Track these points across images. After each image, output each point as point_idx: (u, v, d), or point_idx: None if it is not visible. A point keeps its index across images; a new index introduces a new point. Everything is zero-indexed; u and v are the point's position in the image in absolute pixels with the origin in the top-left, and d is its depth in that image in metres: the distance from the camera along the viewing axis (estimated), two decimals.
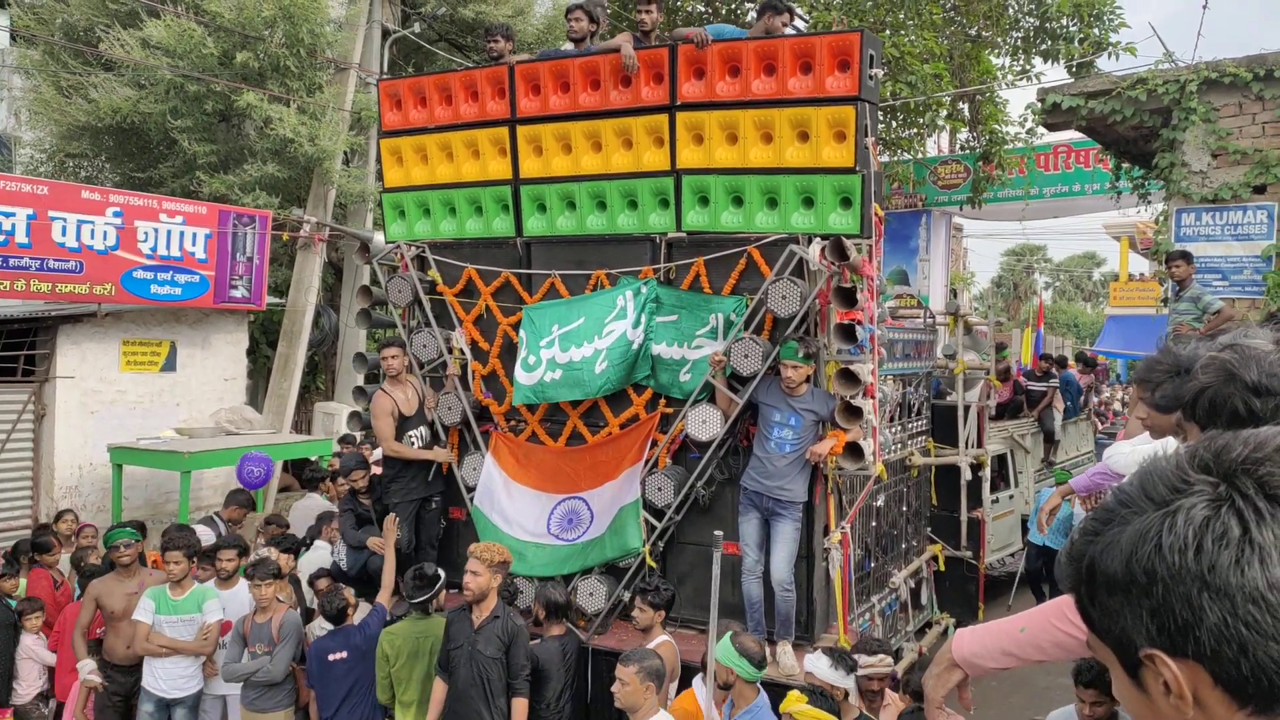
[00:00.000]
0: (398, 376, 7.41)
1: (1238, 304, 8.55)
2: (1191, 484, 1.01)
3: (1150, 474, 1.06)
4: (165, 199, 12.10)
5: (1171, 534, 0.99)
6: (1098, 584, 1.05)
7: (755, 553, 6.33)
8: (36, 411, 11.08)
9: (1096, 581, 1.05)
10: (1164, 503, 1.02)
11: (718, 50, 6.53)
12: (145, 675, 6.53)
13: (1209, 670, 0.97)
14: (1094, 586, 1.06)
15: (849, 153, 6.22)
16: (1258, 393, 1.52)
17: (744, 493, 6.38)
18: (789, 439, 6.20)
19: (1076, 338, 42.63)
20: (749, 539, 6.34)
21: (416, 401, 7.42)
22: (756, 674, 4.98)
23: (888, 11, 14.04)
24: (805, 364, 6.10)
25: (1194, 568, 0.96)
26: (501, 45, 7.51)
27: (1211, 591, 0.95)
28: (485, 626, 5.70)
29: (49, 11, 14.79)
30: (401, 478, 7.42)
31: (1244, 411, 1.52)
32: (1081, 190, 17.93)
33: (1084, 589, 1.08)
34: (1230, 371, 1.57)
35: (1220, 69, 8.63)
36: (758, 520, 6.35)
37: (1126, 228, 25.95)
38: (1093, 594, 1.07)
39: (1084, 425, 14.92)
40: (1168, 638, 0.99)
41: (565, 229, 7.19)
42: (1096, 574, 1.05)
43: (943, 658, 2.07)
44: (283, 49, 13.52)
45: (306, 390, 16.55)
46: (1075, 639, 1.95)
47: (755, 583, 6.32)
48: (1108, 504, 1.09)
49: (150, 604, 6.50)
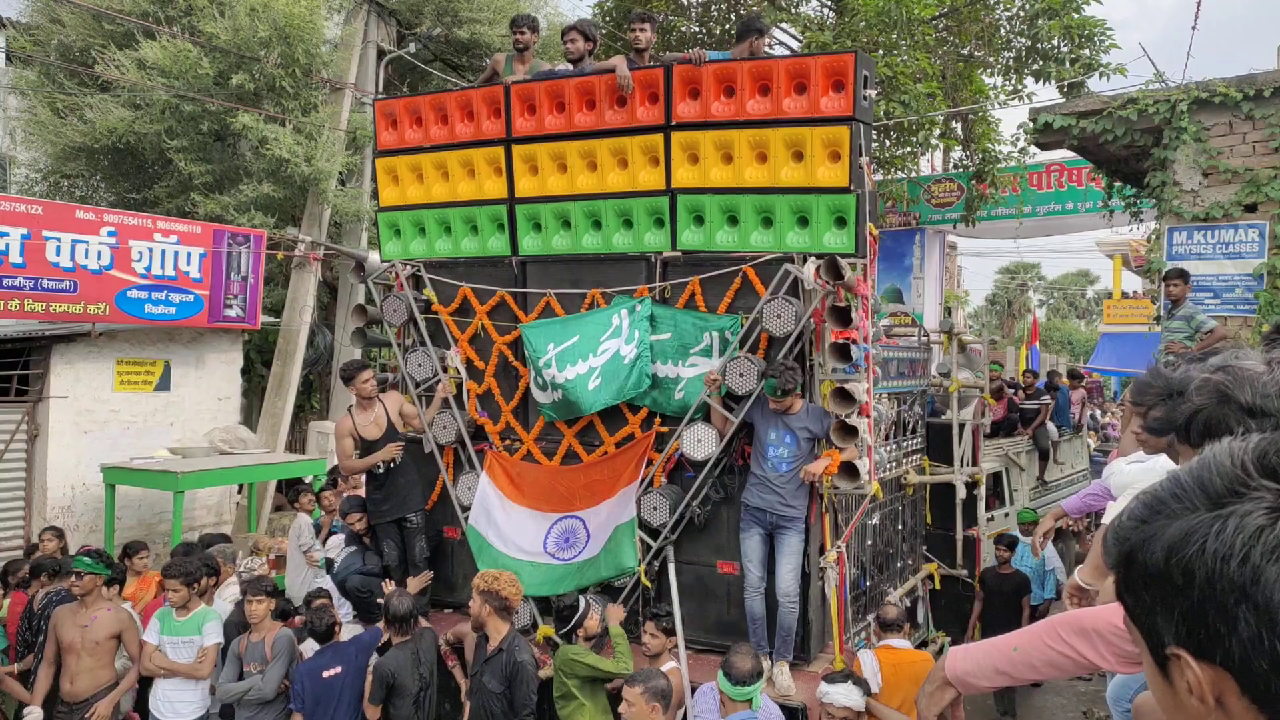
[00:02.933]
0: (369, 399, 7.33)
1: (1230, 322, 8.59)
2: (1251, 488, 0.96)
3: (1209, 466, 1.01)
4: (160, 218, 12.10)
5: (1219, 539, 0.94)
6: (1135, 573, 1.03)
7: (759, 569, 6.30)
8: (30, 431, 11.04)
9: (1134, 570, 1.03)
10: (1218, 502, 0.97)
11: (712, 70, 6.56)
12: (151, 699, 6.50)
13: (1236, 679, 0.94)
14: (1131, 574, 1.04)
15: (843, 172, 6.25)
16: (1253, 414, 1.52)
17: (746, 509, 6.36)
18: (785, 457, 6.20)
19: (1071, 355, 42.70)
20: (752, 555, 6.31)
21: (385, 424, 7.30)
22: (738, 691, 4.94)
23: (881, 32, 14.13)
24: (782, 399, 6.13)
25: (1236, 578, 0.92)
26: (528, 37, 7.65)
27: (1250, 605, 0.91)
28: (493, 658, 5.63)
29: (45, 32, 14.84)
30: (374, 499, 7.36)
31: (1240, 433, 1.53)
32: (1074, 208, 18.02)
33: (1122, 573, 1.06)
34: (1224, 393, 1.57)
35: (1210, 89, 8.69)
36: (760, 536, 6.33)
37: (1120, 246, 26.05)
38: (1129, 581, 1.04)
39: (1078, 443, 14.95)
40: (1196, 642, 0.96)
41: (560, 248, 7.21)
42: (1135, 563, 1.02)
43: (935, 676, 2.08)
44: (278, 69, 13.57)
45: (301, 409, 16.52)
46: (1069, 657, 1.95)
47: (759, 599, 6.30)
48: (1159, 492, 1.05)
49: (157, 624, 6.53)
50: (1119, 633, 1.88)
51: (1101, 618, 1.94)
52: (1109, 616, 1.92)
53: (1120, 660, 1.92)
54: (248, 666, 6.36)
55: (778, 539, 6.27)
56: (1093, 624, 1.93)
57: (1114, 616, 1.91)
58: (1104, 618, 1.93)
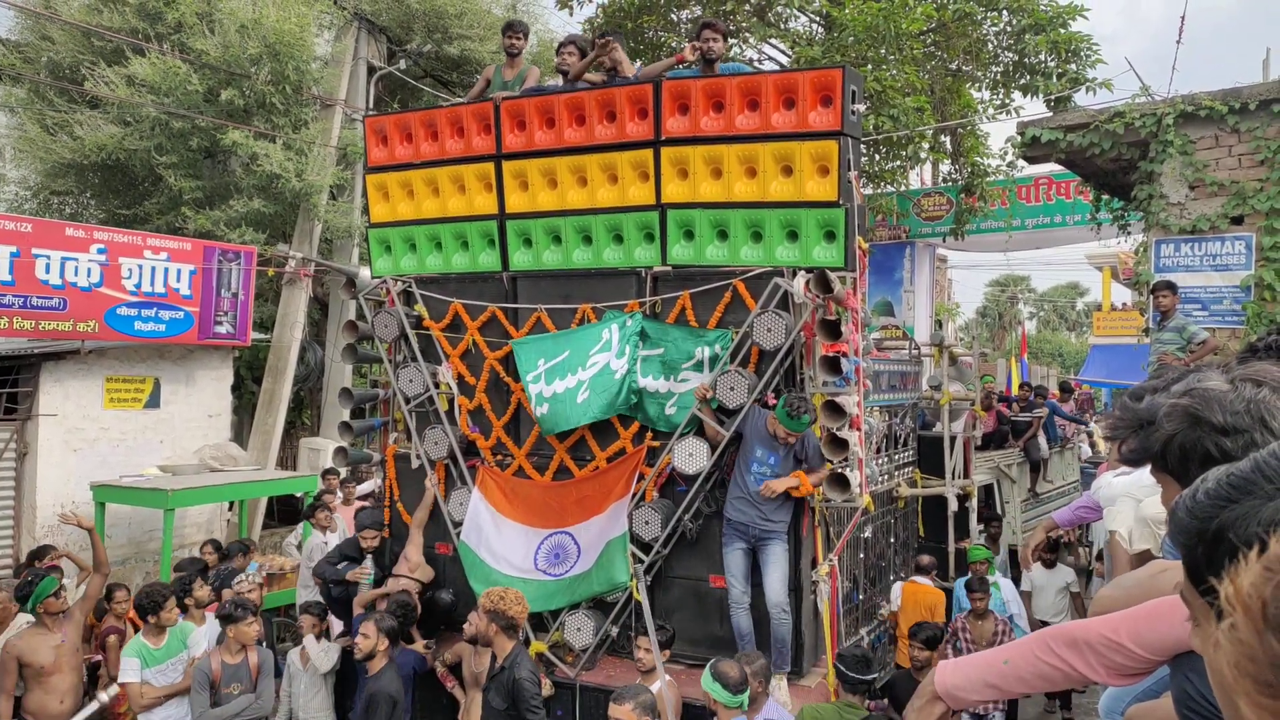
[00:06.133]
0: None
1: (1218, 334, 8.63)
2: None
3: None
4: (149, 235, 12.09)
5: None
6: (1223, 548, 1.06)
7: (742, 583, 6.30)
8: (19, 449, 10.99)
9: (1222, 546, 1.06)
10: None
11: (701, 86, 6.59)
12: None
13: None
14: (1218, 549, 1.07)
15: (832, 186, 6.27)
16: (1226, 433, 1.54)
17: (728, 524, 6.36)
18: (767, 475, 6.22)
19: (1061, 367, 42.85)
20: (736, 570, 6.31)
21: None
22: (734, 699, 4.92)
23: (870, 47, 14.21)
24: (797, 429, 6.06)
25: None
26: (520, 42, 7.86)
27: None
28: (497, 676, 5.62)
29: (34, 50, 14.84)
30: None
31: (1216, 453, 1.54)
32: (1063, 221, 18.13)
33: (1203, 549, 1.10)
34: (1195, 416, 1.59)
35: (1196, 102, 8.75)
36: (744, 550, 6.33)
37: (1109, 258, 26.21)
38: (1213, 556, 1.08)
39: (1069, 455, 14.97)
40: None
41: (551, 263, 7.22)
42: (1225, 539, 1.06)
43: (925, 690, 2.08)
44: (269, 85, 13.58)
45: (292, 426, 16.47)
46: (1059, 670, 1.95)
47: (744, 614, 6.28)
48: (1245, 473, 1.10)
49: (135, 661, 6.27)
50: (1111, 645, 1.89)
51: (1092, 630, 1.94)
52: (1099, 629, 1.92)
53: (1111, 672, 1.92)
54: (227, 689, 6.17)
55: (762, 551, 6.27)
56: (1083, 636, 1.94)
57: (1105, 629, 1.91)
58: (1094, 630, 1.93)
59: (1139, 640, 1.86)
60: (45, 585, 6.40)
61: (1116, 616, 1.94)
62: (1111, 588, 2.33)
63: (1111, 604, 2.08)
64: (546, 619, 6.90)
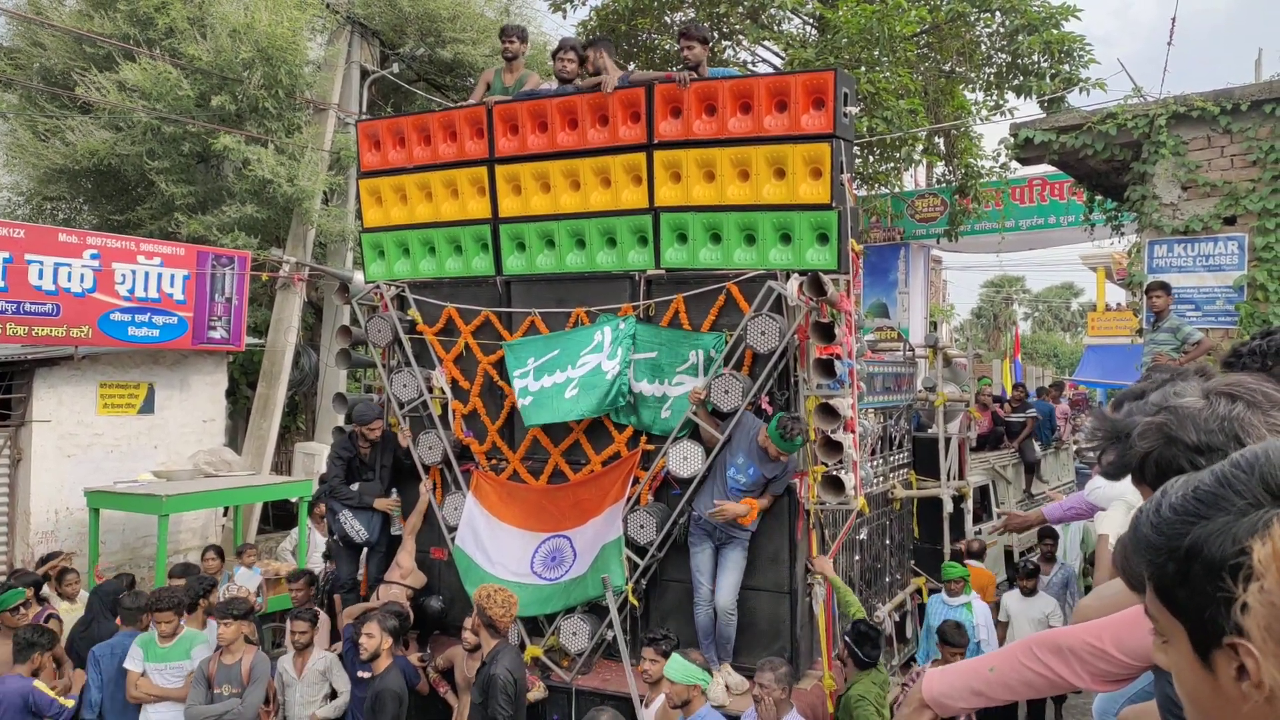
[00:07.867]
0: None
1: (1211, 334, 8.64)
2: None
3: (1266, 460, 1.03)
4: (143, 240, 12.07)
5: None
6: (1197, 566, 1.03)
7: (709, 582, 6.39)
8: (13, 455, 10.96)
9: (1196, 563, 1.03)
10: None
11: (694, 89, 6.60)
12: None
13: None
14: (1191, 566, 1.04)
15: (825, 189, 6.28)
16: (1200, 451, 1.54)
17: (696, 523, 6.43)
18: (742, 484, 6.29)
19: (1056, 367, 42.92)
20: (703, 569, 6.41)
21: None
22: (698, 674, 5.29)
23: (863, 49, 14.23)
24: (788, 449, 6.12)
25: None
26: (517, 46, 7.82)
27: None
28: (479, 672, 5.67)
29: (26, 56, 14.82)
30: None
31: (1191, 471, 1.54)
32: (1056, 222, 18.16)
33: (1173, 566, 1.06)
34: (1169, 435, 1.59)
35: (1188, 103, 8.77)
36: (711, 550, 6.42)
37: (1103, 258, 26.23)
38: (1186, 573, 1.05)
39: (1064, 455, 14.99)
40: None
41: (544, 267, 7.21)
42: (1199, 556, 1.03)
43: (912, 698, 2.10)
44: (261, 90, 13.57)
45: (286, 431, 16.46)
46: (1045, 677, 1.97)
47: (708, 612, 6.38)
48: (1210, 487, 1.06)
49: (139, 651, 6.42)
50: (1095, 652, 1.89)
51: (1077, 637, 1.95)
52: (1084, 636, 1.93)
53: (1096, 679, 1.93)
54: (218, 689, 6.22)
55: (722, 553, 6.38)
56: (1068, 643, 1.95)
57: (1089, 636, 1.92)
58: (1079, 637, 1.94)
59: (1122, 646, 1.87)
60: (8, 597, 6.59)
61: (1100, 623, 1.95)
62: (1092, 598, 2.34)
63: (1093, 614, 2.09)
64: (542, 623, 6.89)
